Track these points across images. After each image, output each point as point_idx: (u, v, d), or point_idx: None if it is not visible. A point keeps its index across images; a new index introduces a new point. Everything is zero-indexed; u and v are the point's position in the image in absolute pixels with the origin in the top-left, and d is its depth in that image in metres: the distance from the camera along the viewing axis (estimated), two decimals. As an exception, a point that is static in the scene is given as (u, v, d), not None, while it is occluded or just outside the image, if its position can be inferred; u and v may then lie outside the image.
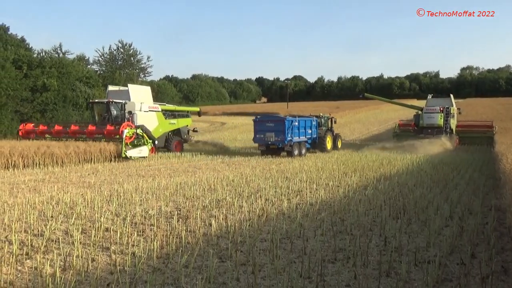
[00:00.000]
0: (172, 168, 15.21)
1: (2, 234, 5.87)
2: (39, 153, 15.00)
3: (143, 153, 18.22)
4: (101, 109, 21.66)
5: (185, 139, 24.45)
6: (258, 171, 13.89)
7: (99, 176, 12.69)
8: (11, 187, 10.24)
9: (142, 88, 23.33)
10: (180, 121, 24.00)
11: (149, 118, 21.54)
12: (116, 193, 9.20)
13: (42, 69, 37.11)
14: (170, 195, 9.12)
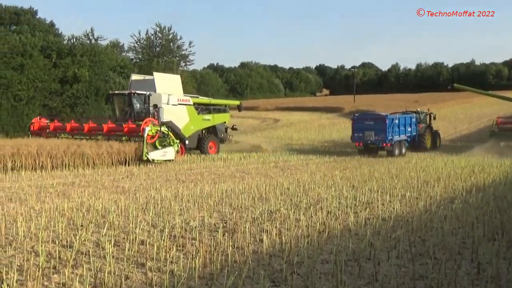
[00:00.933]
0: (217, 172, 15.40)
1: (28, 243, 6.20)
2: (69, 153, 15.75)
3: (169, 155, 17.98)
4: (123, 102, 21.78)
5: (222, 138, 24.19)
6: (319, 178, 13.77)
7: (134, 180, 13.11)
8: (38, 191, 10.80)
9: (170, 77, 23.41)
10: (216, 117, 23.78)
11: (178, 113, 21.43)
12: (153, 201, 9.45)
13: (73, 58, 38.96)
14: (215, 204, 9.23)
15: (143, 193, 10.50)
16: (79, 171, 15.09)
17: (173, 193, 10.51)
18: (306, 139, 38.24)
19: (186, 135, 21.66)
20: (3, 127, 32.16)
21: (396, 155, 23.32)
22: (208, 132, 23.53)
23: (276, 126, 48.68)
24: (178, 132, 21.06)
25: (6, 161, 14.62)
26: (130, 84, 22.90)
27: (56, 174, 14.26)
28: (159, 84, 21.42)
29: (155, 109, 20.15)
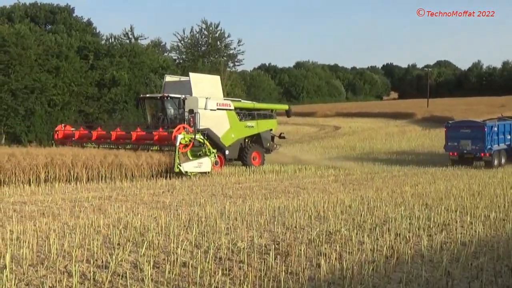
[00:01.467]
0: (268, 186, 15.40)
1: (61, 262, 6.40)
2: (106, 163, 16.22)
3: (204, 167, 17.94)
4: (155, 107, 22.03)
5: (267, 148, 24.03)
6: (386, 195, 13.51)
7: (175, 194, 13.30)
8: (73, 205, 11.16)
9: (209, 78, 23.50)
10: (260, 123, 23.69)
11: (217, 119, 21.41)
12: (197, 218, 9.55)
13: (111, 59, 40.29)
14: (266, 223, 9.22)
15: (185, 209, 10.63)
16: (116, 183, 15.49)
17: (219, 209, 10.58)
18: (371, 149, 37.69)
19: (226, 144, 21.63)
20: (37, 134, 33.58)
21: (495, 166, 23.62)
22: (252, 141, 23.46)
23: (336, 135, 48.29)
24: (217, 141, 21.07)
25: (39, 172, 15.23)
26: (163, 86, 23.14)
27: (92, 187, 14.69)
28: (196, 86, 21.43)
29: (191, 114, 20.04)
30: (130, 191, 13.73)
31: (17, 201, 11.68)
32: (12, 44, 33.66)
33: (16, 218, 9.29)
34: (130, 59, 41.42)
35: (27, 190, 13.52)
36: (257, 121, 23.53)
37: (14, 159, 15.17)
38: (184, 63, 61.51)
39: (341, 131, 51.32)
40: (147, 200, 12.17)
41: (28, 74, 33.95)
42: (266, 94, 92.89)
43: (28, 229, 8.08)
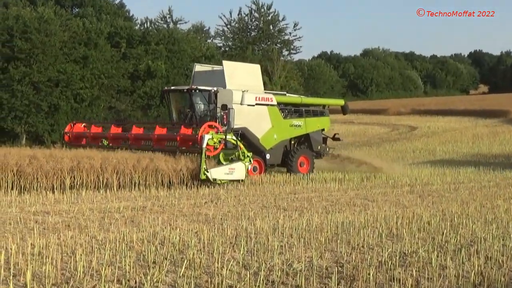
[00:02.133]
0: (330, 198, 15.33)
1: (89, 282, 6.55)
2: (139, 168, 16.50)
3: (237, 174, 17.73)
4: (181, 101, 21.84)
5: (318, 152, 23.51)
6: (473, 209, 13.23)
7: (220, 206, 13.39)
8: (102, 216, 11.40)
9: (247, 68, 23.37)
10: (309, 122, 23.16)
11: (256, 117, 21.03)
12: (245, 234, 9.58)
13: (146, 47, 41.02)
14: (327, 241, 9.17)
15: (231, 223, 10.68)
16: (151, 192, 15.71)
17: (271, 224, 10.58)
18: (454, 153, 36.96)
19: (266, 147, 21.26)
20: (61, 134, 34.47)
21: None
22: (299, 142, 23.08)
23: (412, 136, 47.60)
24: (256, 143, 20.79)
25: (64, 178, 15.65)
26: (192, 78, 23.01)
27: (123, 195, 14.96)
28: (231, 77, 21.04)
29: (224, 110, 19.65)
30: (167, 201, 13.91)
31: (39, 210, 12.03)
32: (34, 30, 34.71)
33: (38, 230, 9.57)
34: (168, 47, 42.03)
35: (51, 198, 13.90)
36: (306, 119, 23.04)
37: (36, 162, 15.65)
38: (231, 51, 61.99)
39: (418, 132, 50.54)
40: (187, 211, 12.30)
41: (52, 65, 34.92)
42: (327, 88, 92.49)
43: (51, 243, 8.30)
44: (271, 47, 64.10)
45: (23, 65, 34.18)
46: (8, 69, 34.00)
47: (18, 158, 15.77)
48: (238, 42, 64.94)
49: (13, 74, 33.63)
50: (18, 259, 7.31)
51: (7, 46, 34.66)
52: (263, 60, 59.44)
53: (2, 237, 8.93)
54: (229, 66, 22.13)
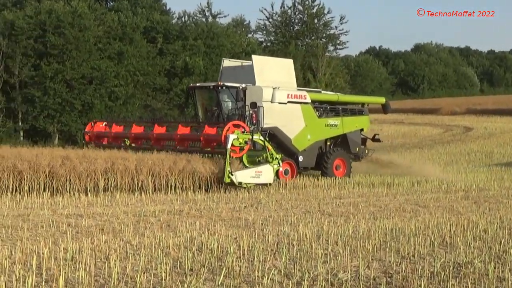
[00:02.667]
0: (378, 203, 15.23)
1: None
2: (176, 170, 16.63)
3: (264, 177, 17.40)
4: (208, 98, 21.78)
5: (356, 154, 23.17)
6: (534, 217, 12.97)
7: (261, 210, 13.43)
8: (137, 220, 11.54)
9: (278, 63, 23.02)
10: (347, 121, 22.79)
11: (288, 116, 20.75)
12: (287, 240, 9.58)
13: (184, 42, 41.32)
14: (374, 249, 9.11)
15: (273, 229, 10.69)
16: (188, 195, 15.84)
17: (315, 230, 10.56)
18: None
19: (299, 148, 21.05)
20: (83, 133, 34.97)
21: None
22: (335, 144, 22.74)
23: (467, 138, 46.89)
24: (287, 144, 20.62)
25: (97, 179, 15.88)
26: (220, 73, 22.84)
27: (159, 198, 15.12)
28: (261, 73, 20.76)
29: (253, 109, 19.46)
30: (205, 205, 14.01)
31: (72, 213, 12.25)
32: (67, 25, 35.28)
33: (71, 233, 9.74)
34: (206, 42, 42.25)
35: (84, 201, 14.14)
36: (342, 118, 22.64)
37: (69, 163, 15.91)
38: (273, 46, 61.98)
39: (474, 133, 49.75)
40: (226, 216, 12.37)
41: (85, 61, 35.45)
42: (376, 85, 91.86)
43: (84, 247, 8.44)
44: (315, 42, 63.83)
45: (56, 62, 34.76)
46: (41, 66, 34.63)
47: (50, 159, 16.03)
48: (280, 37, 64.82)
49: (45, 71, 34.24)
50: (51, 264, 7.46)
51: (39, 41, 35.31)
52: (307, 56, 59.34)
53: (34, 240, 9.12)
54: (259, 61, 21.98)
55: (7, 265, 7.30)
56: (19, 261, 7.51)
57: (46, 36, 35.02)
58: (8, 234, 9.70)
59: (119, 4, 47.23)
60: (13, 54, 34.75)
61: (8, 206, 13.01)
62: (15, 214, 11.90)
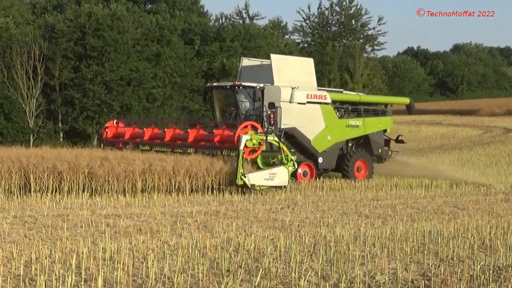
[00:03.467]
0: (416, 205, 15.14)
1: (160, 290, 6.70)
2: (213, 171, 16.69)
3: (279, 180, 16.90)
4: (225, 98, 21.46)
5: (379, 155, 22.72)
6: None
7: (297, 211, 13.41)
8: (174, 220, 11.62)
9: (298, 62, 22.69)
10: (369, 122, 22.40)
11: (307, 116, 20.37)
12: (324, 242, 9.55)
13: (221, 44, 41.53)
14: (412, 251, 9.03)
15: (309, 231, 10.67)
16: (225, 196, 15.89)
17: (352, 232, 10.52)
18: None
19: (319, 149, 20.64)
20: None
21: None
22: (357, 145, 22.36)
23: (507, 139, 46.15)
24: (307, 145, 20.33)
25: (135, 180, 16.02)
26: (239, 73, 22.61)
27: (196, 199, 15.21)
28: (279, 72, 20.41)
29: (271, 109, 19.25)
30: (241, 206, 14.04)
31: (111, 213, 12.38)
32: (106, 27, 35.76)
33: (109, 233, 9.84)
34: (243, 43, 42.42)
35: (122, 201, 14.28)
36: (364, 119, 22.26)
37: (107, 164, 16.09)
38: (310, 47, 61.94)
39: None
40: (263, 217, 12.38)
41: (124, 63, 35.88)
42: (414, 86, 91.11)
43: (123, 247, 8.53)
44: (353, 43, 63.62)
45: (95, 64, 35.28)
46: (80, 68, 35.20)
47: (89, 160, 16.24)
48: (317, 38, 64.79)
49: (85, 73, 34.78)
50: (89, 263, 7.55)
51: (79, 44, 35.87)
52: (344, 56, 59.14)
53: (74, 240, 9.24)
54: (278, 60, 21.63)
55: (47, 264, 7.41)
56: (58, 260, 7.63)
57: (86, 38, 35.59)
58: (48, 234, 9.84)
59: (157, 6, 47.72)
60: (53, 56, 35.37)
61: (48, 206, 13.20)
62: (55, 214, 12.07)
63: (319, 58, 54.72)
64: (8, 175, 15.35)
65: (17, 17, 39.71)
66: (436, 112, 68.55)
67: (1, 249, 8.28)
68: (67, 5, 42.09)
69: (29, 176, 15.51)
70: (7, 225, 10.36)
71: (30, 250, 8.21)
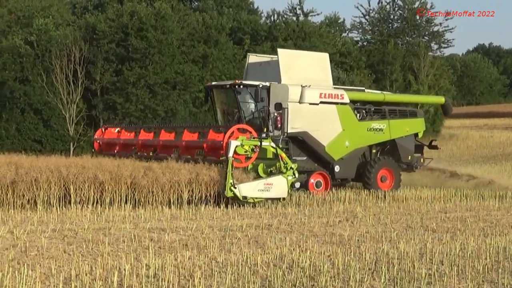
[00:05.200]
0: (489, 218, 14.94)
1: (207, 310, 6.71)
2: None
3: (276, 191, 16.32)
4: (226, 99, 20.84)
5: (409, 163, 21.70)
6: None
7: (357, 225, 13.33)
8: (222, 235, 11.65)
9: (309, 57, 21.79)
10: (395, 125, 21.38)
11: (320, 118, 19.56)
12: (386, 259, 9.46)
13: (273, 43, 41.56)
14: (485, 269, 8.88)
15: (370, 246, 10.58)
16: (277, 208, 15.90)
17: (418, 248, 10.41)
18: None
19: (335, 157, 19.82)
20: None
21: None
22: (382, 151, 21.52)
23: None
24: (320, 152, 19.53)
25: (181, 191, 16.11)
26: (245, 71, 22.10)
27: (246, 212, 15.23)
28: (287, 69, 19.75)
29: (278, 111, 18.74)
30: (295, 219, 14.01)
31: (155, 227, 12.50)
32: (150, 27, 36.16)
33: (153, 249, 9.93)
34: (297, 42, 42.42)
35: (167, 214, 14.41)
36: (390, 121, 21.31)
37: (151, 174, 16.23)
38: (370, 45, 61.53)
39: None
40: (319, 231, 12.33)
41: (169, 65, 36.21)
42: (485, 87, 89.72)
43: (167, 264, 8.58)
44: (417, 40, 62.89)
45: (138, 66, 35.67)
46: (122, 71, 35.64)
47: (132, 170, 16.40)
48: (377, 35, 64.29)
49: (127, 77, 35.21)
50: (132, 281, 7.62)
51: (121, 45, 36.34)
52: (408, 55, 58.50)
53: (115, 256, 9.35)
54: (286, 55, 20.96)
55: (87, 281, 7.51)
56: (99, 278, 7.73)
57: (128, 39, 36.00)
58: (88, 249, 9.98)
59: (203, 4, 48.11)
60: (94, 59, 35.90)
61: (88, 219, 13.41)
62: (96, 228, 12.25)
63: (379, 57, 54.35)
64: (47, 186, 15.56)
65: (57, 17, 40.39)
66: (510, 115, 67.27)
67: (39, 265, 8.44)
68: (108, 4, 42.70)
69: (69, 187, 15.72)
70: (45, 239, 10.56)
71: (69, 267, 8.33)
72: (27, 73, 35.70)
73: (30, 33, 37.00)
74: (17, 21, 39.47)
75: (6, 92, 35.01)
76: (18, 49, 35.69)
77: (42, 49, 36.10)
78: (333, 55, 42.29)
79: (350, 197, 17.71)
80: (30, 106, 34.93)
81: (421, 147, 22.78)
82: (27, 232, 11.27)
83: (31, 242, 10.33)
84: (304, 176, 18.96)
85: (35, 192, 15.33)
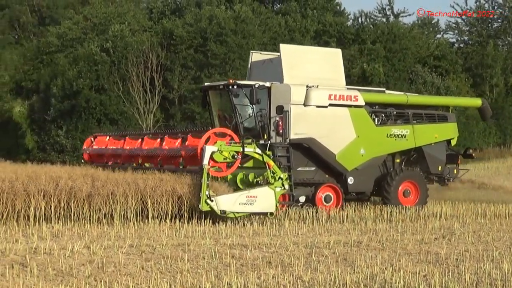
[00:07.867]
0: None
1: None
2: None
3: (260, 205, 15.31)
4: (222, 101, 19.95)
5: (440, 175, 20.20)
6: None
7: (455, 243, 13.11)
8: (308, 252, 11.63)
9: (318, 54, 20.31)
10: (421, 130, 19.81)
11: (330, 123, 18.33)
12: (488, 280, 9.27)
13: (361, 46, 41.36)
14: None
15: (470, 266, 10.36)
16: (367, 224, 15.77)
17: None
18: None
19: (348, 167, 18.43)
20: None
21: None
22: (407, 161, 20.01)
23: None
24: (330, 161, 18.19)
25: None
26: (248, 70, 21.01)
27: (334, 228, 15.17)
28: (290, 67, 18.67)
29: (279, 114, 17.90)
30: (387, 236, 13.87)
31: (236, 243, 12.56)
32: (230, 31, 36.50)
33: (235, 266, 9.98)
34: (387, 45, 42.12)
35: (249, 230, 14.46)
36: (414, 126, 19.82)
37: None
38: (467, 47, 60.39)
39: None
40: (412, 249, 12.17)
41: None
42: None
43: (250, 282, 8.61)
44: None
45: (217, 73, 35.98)
46: (201, 78, 36.00)
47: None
48: (475, 36, 63.05)
49: (206, 84, 35.59)
50: (213, 300, 7.68)
51: (200, 51, 36.77)
52: (509, 57, 57.12)
53: (195, 273, 9.43)
54: (290, 51, 19.68)
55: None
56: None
57: (207, 44, 36.38)
58: (167, 266, 10.11)
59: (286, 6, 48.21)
60: (171, 66, 36.41)
61: (167, 234, 13.57)
62: (174, 244, 12.38)
63: (478, 60, 53.18)
64: (124, 199, 15.74)
65: (133, 23, 41.17)
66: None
67: (116, 282, 8.59)
68: (186, 9, 43.27)
69: (147, 200, 15.86)
70: (122, 255, 10.74)
71: (147, 284, 8.47)
72: (103, 81, 36.49)
73: (105, 40, 37.85)
74: (93, 28, 40.45)
75: (81, 101, 35.86)
76: (93, 57, 36.59)
77: (118, 56, 36.87)
78: (426, 58, 41.76)
79: (446, 212, 17.40)
80: (106, 116, 35.69)
81: (455, 156, 21.27)
82: (103, 248, 11.48)
83: (108, 258, 10.53)
84: (310, 189, 18.08)
85: (112, 206, 15.58)
